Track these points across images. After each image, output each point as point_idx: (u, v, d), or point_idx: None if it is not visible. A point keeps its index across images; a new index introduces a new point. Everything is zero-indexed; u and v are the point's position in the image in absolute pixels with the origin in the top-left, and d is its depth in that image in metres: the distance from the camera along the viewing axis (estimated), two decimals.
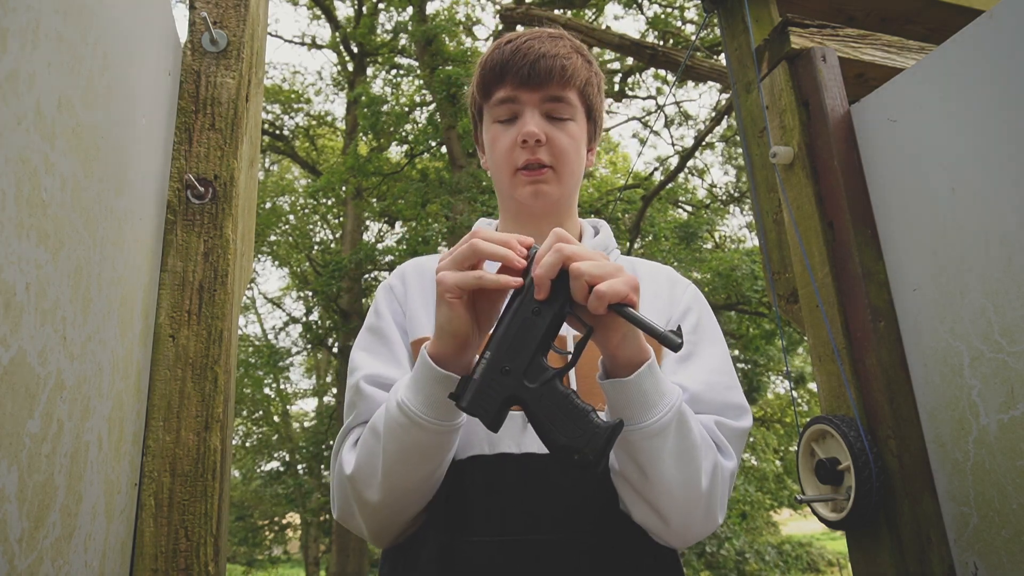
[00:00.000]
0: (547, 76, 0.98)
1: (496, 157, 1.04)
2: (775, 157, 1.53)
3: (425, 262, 1.10)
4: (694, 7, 9.96)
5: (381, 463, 0.84)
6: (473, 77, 1.09)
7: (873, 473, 1.26)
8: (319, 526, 13.32)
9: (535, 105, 0.99)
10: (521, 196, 1.02)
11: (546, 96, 0.99)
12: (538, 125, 0.98)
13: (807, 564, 13.34)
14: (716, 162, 14.93)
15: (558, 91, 0.99)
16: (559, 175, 1.01)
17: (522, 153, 0.99)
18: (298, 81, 15.79)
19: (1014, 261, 1.16)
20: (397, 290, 1.05)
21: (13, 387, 0.54)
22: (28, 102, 0.56)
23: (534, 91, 0.99)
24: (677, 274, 1.13)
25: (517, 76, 0.98)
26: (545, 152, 0.99)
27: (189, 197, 0.98)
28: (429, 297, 1.02)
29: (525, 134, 0.98)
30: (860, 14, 1.89)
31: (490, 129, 1.05)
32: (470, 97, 1.11)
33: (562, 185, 1.03)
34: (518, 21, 8.61)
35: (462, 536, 0.88)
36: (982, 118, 1.21)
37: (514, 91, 0.99)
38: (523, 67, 0.98)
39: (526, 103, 1.00)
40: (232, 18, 1.07)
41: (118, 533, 0.79)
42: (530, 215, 1.06)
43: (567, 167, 1.02)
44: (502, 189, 1.06)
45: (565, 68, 0.99)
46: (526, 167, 1.00)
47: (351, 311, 11.39)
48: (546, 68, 0.97)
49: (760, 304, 8.93)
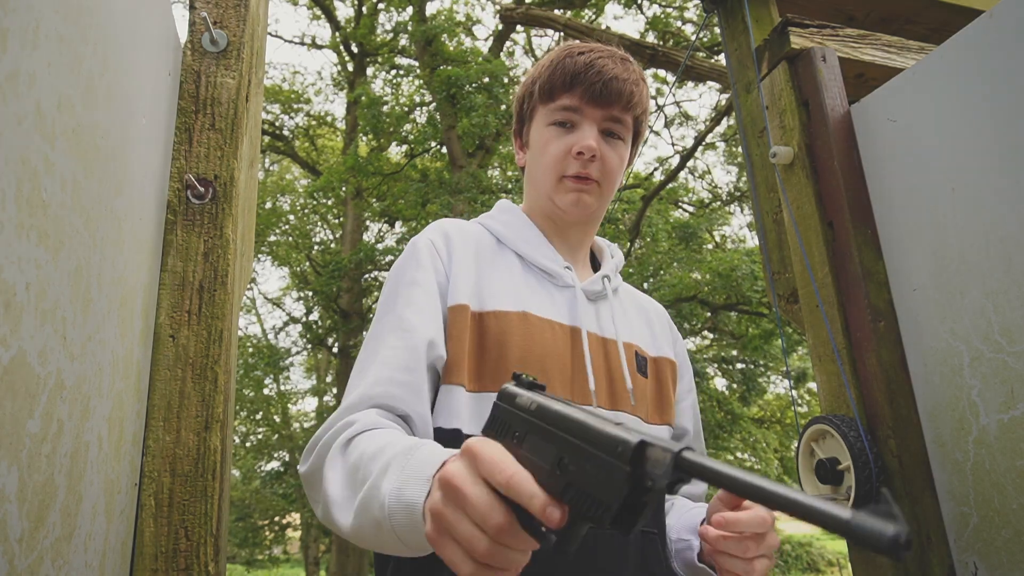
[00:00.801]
0: (616, 97, 1.01)
1: (545, 159, 1.05)
2: (775, 157, 1.53)
3: (465, 226, 1.07)
4: (694, 7, 9.96)
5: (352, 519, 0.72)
6: (532, 74, 1.10)
7: (873, 473, 1.26)
8: (319, 526, 13.32)
9: (596, 121, 1.02)
10: (563, 202, 1.03)
11: (608, 115, 1.02)
12: (596, 140, 1.01)
13: (807, 564, 13.34)
14: (718, 162, 14.93)
15: (620, 113, 1.02)
16: (602, 190, 1.04)
17: (574, 163, 1.01)
18: (298, 81, 15.78)
19: (1014, 261, 1.16)
20: (440, 248, 0.99)
21: (13, 387, 0.54)
22: (28, 102, 0.56)
23: (599, 108, 1.01)
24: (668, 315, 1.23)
25: (589, 90, 1.00)
26: (595, 167, 1.02)
27: (189, 197, 0.98)
28: (470, 265, 0.99)
29: (584, 147, 1.00)
30: (860, 14, 1.89)
31: (544, 131, 1.06)
32: (523, 92, 1.11)
33: (602, 200, 1.06)
34: (518, 21, 8.61)
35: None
36: (982, 118, 1.21)
37: (580, 102, 1.02)
38: (597, 83, 1.00)
39: (588, 117, 1.02)
40: (232, 18, 1.07)
41: (118, 533, 0.79)
42: (562, 219, 1.07)
43: (610, 184, 1.05)
44: (542, 189, 1.07)
45: (633, 94, 1.02)
46: (575, 177, 1.02)
47: (351, 311, 11.39)
48: (617, 89, 1.00)
49: (760, 304, 8.93)
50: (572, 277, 1.03)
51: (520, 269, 1.02)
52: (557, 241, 1.09)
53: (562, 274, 1.03)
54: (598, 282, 1.05)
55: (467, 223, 1.08)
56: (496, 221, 1.09)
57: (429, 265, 0.96)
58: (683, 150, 11.09)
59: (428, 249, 0.98)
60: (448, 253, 0.99)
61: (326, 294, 10.38)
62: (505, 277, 1.00)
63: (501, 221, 1.09)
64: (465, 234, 1.03)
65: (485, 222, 1.09)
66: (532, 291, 1.00)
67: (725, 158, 12.12)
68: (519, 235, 1.06)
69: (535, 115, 1.08)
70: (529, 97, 1.09)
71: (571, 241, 1.10)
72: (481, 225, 1.09)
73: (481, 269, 0.99)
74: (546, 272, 1.03)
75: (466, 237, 1.02)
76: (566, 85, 1.02)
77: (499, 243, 1.06)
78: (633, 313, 1.12)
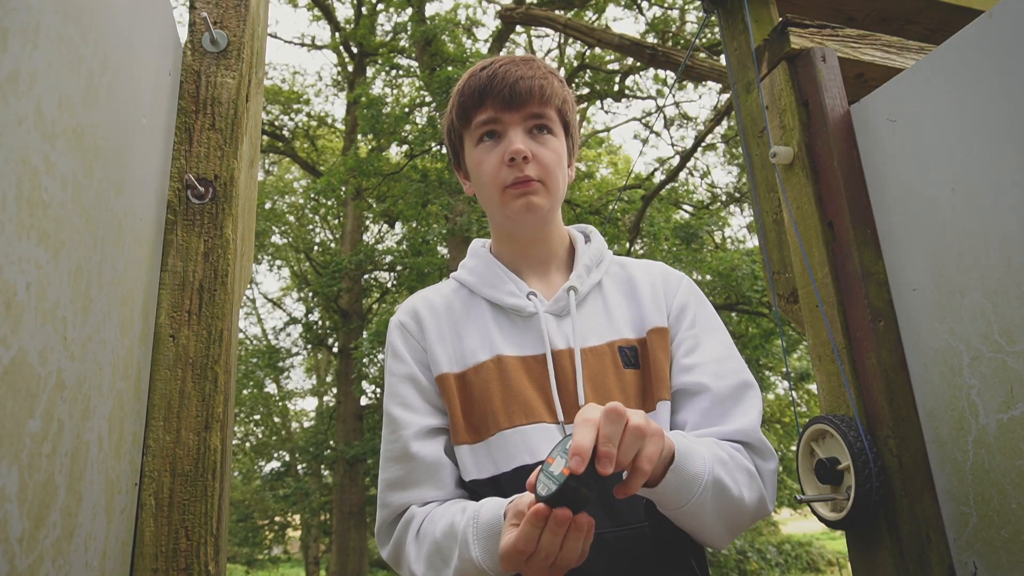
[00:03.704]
0: (527, 96, 1.01)
1: (483, 178, 1.06)
2: (775, 157, 1.53)
3: (431, 297, 1.12)
4: (694, 8, 9.96)
5: None
6: (449, 107, 1.12)
7: (873, 473, 1.26)
8: (319, 526, 13.32)
9: (517, 124, 1.03)
10: (512, 211, 1.04)
11: (527, 115, 1.03)
12: (523, 142, 1.01)
13: (807, 564, 13.34)
14: (718, 163, 14.93)
15: (538, 109, 1.03)
16: (548, 188, 1.04)
17: (510, 172, 1.02)
18: (298, 82, 15.79)
19: (1014, 261, 1.16)
20: (412, 328, 1.08)
21: (14, 387, 0.54)
22: (29, 102, 0.56)
23: (515, 111, 1.02)
24: (670, 268, 1.17)
25: (498, 98, 1.01)
26: (532, 168, 1.02)
27: (189, 197, 0.98)
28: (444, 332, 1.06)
29: (512, 152, 1.00)
30: (860, 14, 1.89)
31: (473, 153, 1.07)
32: (447, 126, 1.13)
33: (551, 198, 1.05)
34: (518, 21, 8.61)
35: None
36: (982, 118, 1.21)
37: (496, 113, 1.02)
38: (503, 89, 1.01)
39: (508, 123, 1.03)
40: (232, 18, 1.07)
41: (118, 533, 0.79)
42: (522, 233, 1.09)
43: (553, 181, 1.05)
44: (492, 210, 1.09)
45: (543, 88, 1.03)
46: (515, 183, 1.02)
47: (351, 311, 11.39)
48: (526, 88, 1.01)
49: (760, 304, 8.93)
50: (536, 303, 1.05)
51: (491, 315, 1.07)
52: (524, 264, 1.11)
53: (524, 306, 1.05)
54: (563, 297, 1.06)
55: (439, 287, 1.14)
56: (465, 270, 1.14)
57: (406, 352, 1.06)
58: (683, 150, 11.09)
59: (400, 335, 1.08)
60: (420, 331, 1.07)
61: (326, 295, 10.39)
62: (479, 327, 1.06)
63: (469, 269, 1.14)
64: (434, 306, 1.09)
65: (460, 274, 1.14)
66: (503, 333, 1.05)
67: (725, 159, 12.13)
68: (484, 280, 1.10)
69: (464, 143, 1.10)
70: (452, 128, 1.11)
71: (539, 255, 1.12)
72: (456, 279, 1.14)
73: (457, 329, 1.06)
74: (513, 309, 1.06)
75: (435, 308, 1.09)
76: (477, 102, 1.03)
77: (471, 294, 1.11)
78: (618, 300, 1.10)
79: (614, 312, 1.08)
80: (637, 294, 1.11)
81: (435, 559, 0.91)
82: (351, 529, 10.52)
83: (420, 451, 0.99)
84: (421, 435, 1.00)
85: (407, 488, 0.99)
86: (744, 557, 10.82)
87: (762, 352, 10.01)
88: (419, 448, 0.99)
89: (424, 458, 0.99)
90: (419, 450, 0.99)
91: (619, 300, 1.10)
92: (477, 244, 1.19)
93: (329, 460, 11.11)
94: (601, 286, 1.11)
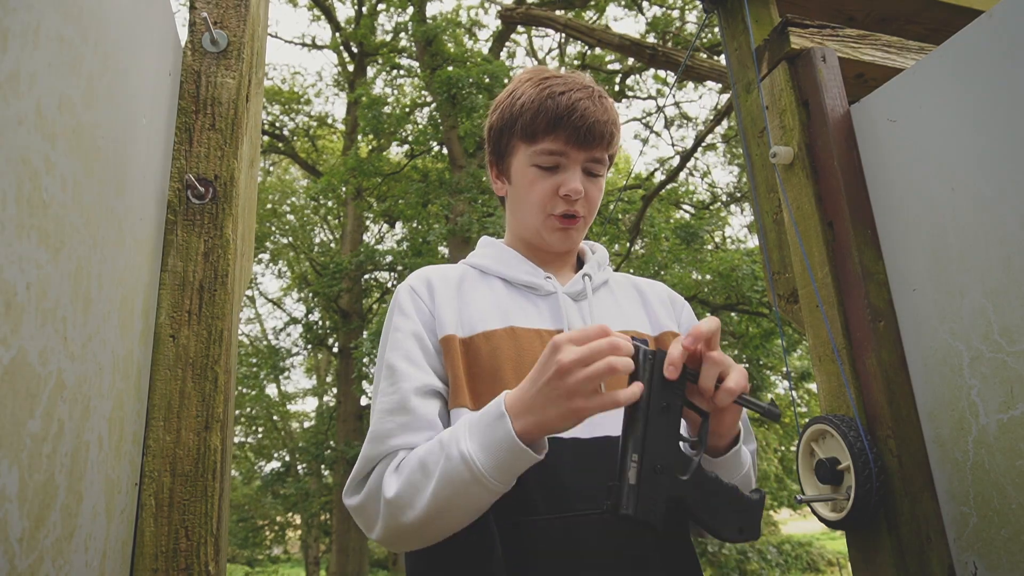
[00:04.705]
0: (599, 140, 1.05)
1: (530, 198, 1.09)
2: (775, 157, 1.53)
3: (444, 269, 1.13)
4: (694, 8, 9.95)
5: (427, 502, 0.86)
6: (505, 105, 1.11)
7: (873, 473, 1.26)
8: (319, 526, 13.32)
9: (580, 163, 1.06)
10: (551, 238, 1.10)
11: (591, 157, 1.06)
12: (581, 182, 1.06)
13: (807, 564, 13.34)
14: (718, 163, 14.92)
15: (601, 153, 1.07)
16: (587, 223, 1.11)
17: (560, 203, 1.06)
18: (298, 82, 15.77)
19: (1014, 261, 1.16)
20: (422, 292, 1.08)
21: (14, 387, 0.54)
22: (29, 102, 0.56)
23: (583, 150, 1.05)
24: (671, 290, 1.25)
25: (573, 134, 1.03)
26: (581, 205, 1.07)
27: (189, 197, 0.98)
28: (454, 299, 1.07)
29: (571, 190, 1.04)
30: (860, 14, 1.89)
31: (527, 171, 1.08)
32: (498, 125, 1.13)
33: (586, 230, 1.13)
34: (518, 21, 8.61)
35: (526, 517, 0.91)
36: (982, 118, 1.21)
37: (565, 147, 1.05)
38: (581, 127, 1.03)
39: (572, 160, 1.06)
40: (232, 18, 1.07)
41: (118, 533, 0.79)
42: (548, 251, 1.14)
43: (593, 216, 1.12)
44: (527, 223, 1.12)
45: (613, 135, 1.07)
46: (562, 216, 1.07)
47: (351, 311, 11.39)
48: (600, 133, 1.04)
49: (760, 304, 8.93)
50: (553, 284, 1.09)
51: (504, 290, 1.09)
52: (536, 261, 1.15)
53: (543, 284, 1.08)
54: (579, 282, 1.10)
55: (450, 266, 1.15)
56: (478, 256, 1.16)
57: (413, 311, 1.04)
58: (683, 150, 11.08)
59: (408, 295, 1.07)
60: (429, 294, 1.07)
61: (326, 295, 10.39)
62: (490, 299, 1.07)
63: (482, 255, 1.16)
64: (446, 276, 1.10)
65: (470, 259, 1.16)
66: (517, 306, 1.06)
67: (725, 158, 12.12)
68: (500, 262, 1.12)
69: (515, 151, 1.10)
70: (508, 131, 1.11)
71: (552, 259, 1.16)
72: (466, 264, 1.16)
73: (465, 299, 1.07)
74: (529, 287, 1.08)
75: (447, 278, 1.10)
76: (549, 128, 1.04)
77: (483, 274, 1.12)
78: (629, 299, 1.16)
79: (626, 308, 1.14)
80: (646, 300, 1.17)
81: (416, 476, 0.87)
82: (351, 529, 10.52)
83: (419, 407, 0.95)
84: (421, 392, 0.97)
85: (398, 436, 0.94)
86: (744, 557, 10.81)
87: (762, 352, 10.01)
88: (418, 403, 0.96)
89: (424, 414, 0.95)
90: (418, 405, 0.95)
91: (629, 300, 1.16)
92: (488, 238, 1.21)
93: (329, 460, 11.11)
94: (609, 286, 1.17)
